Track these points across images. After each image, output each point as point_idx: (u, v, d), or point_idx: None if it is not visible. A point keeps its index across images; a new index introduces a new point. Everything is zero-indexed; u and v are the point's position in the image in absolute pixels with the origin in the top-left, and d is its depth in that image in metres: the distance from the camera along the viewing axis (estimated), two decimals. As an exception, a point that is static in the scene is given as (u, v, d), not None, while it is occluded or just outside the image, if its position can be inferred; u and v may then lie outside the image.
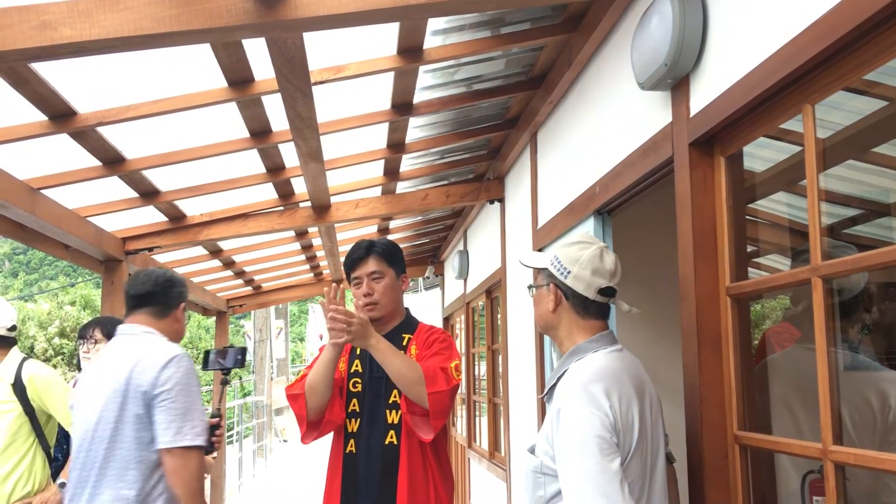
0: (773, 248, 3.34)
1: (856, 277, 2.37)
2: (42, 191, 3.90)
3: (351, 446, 2.79)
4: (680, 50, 2.21)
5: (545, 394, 2.07)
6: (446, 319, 9.31)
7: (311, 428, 2.77)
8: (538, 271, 2.16)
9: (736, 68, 2.02)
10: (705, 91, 2.20)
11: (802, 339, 2.39)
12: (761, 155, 2.45)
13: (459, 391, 8.11)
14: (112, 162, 3.88)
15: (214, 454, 3.10)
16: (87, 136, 3.50)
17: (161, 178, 4.38)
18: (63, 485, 3.25)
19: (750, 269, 2.94)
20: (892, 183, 3.33)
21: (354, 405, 2.82)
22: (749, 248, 2.66)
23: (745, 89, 1.95)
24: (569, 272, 2.04)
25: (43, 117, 3.23)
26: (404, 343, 2.86)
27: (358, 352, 2.91)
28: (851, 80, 1.70)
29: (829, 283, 1.81)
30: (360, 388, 2.82)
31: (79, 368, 3.99)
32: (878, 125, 2.67)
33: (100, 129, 3.46)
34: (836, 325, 2.01)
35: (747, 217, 2.52)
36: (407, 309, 3.00)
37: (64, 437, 3.60)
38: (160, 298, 2.77)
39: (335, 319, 2.55)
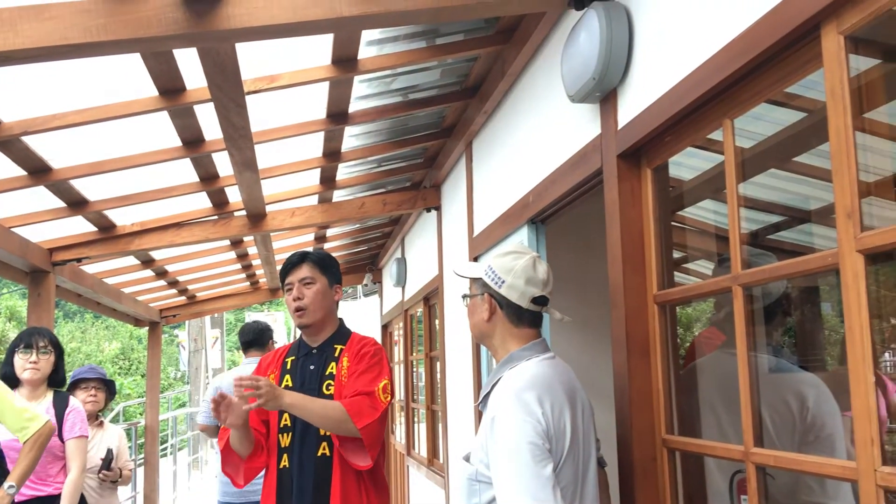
0: (701, 254, 3.43)
1: (776, 283, 2.45)
2: (-37, 201, 3.78)
3: (284, 461, 2.77)
4: (607, 64, 2.27)
5: (480, 402, 2.10)
6: (385, 327, 9.29)
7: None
8: (472, 281, 2.19)
9: (660, 83, 2.09)
10: (632, 105, 2.26)
11: (725, 344, 2.47)
12: (688, 164, 2.52)
13: (398, 398, 8.14)
14: (38, 171, 3.78)
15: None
16: (12, 146, 3.41)
17: (90, 188, 4.28)
18: (12, 487, 3.17)
19: (680, 274, 3.02)
20: (812, 190, 3.46)
21: (286, 420, 2.80)
22: (678, 255, 2.74)
23: (668, 104, 2.01)
24: (503, 282, 2.07)
25: (-36, 126, 3.13)
26: (336, 354, 2.86)
27: (288, 366, 2.90)
28: (768, 96, 1.78)
29: (750, 290, 1.88)
30: None
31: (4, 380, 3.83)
32: (798, 135, 2.77)
33: (24, 139, 3.37)
34: (757, 331, 2.09)
35: (676, 224, 2.60)
36: (341, 319, 3.00)
37: None
38: (261, 341, 4.88)
39: (240, 386, 2.49)
